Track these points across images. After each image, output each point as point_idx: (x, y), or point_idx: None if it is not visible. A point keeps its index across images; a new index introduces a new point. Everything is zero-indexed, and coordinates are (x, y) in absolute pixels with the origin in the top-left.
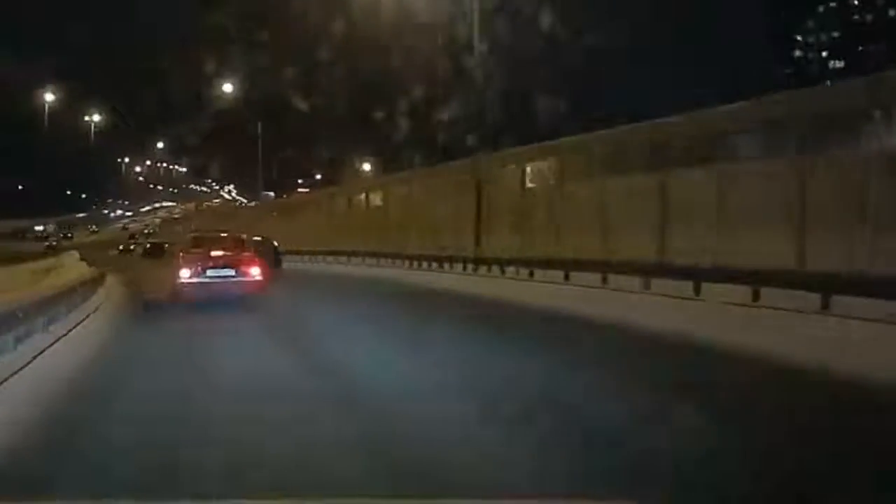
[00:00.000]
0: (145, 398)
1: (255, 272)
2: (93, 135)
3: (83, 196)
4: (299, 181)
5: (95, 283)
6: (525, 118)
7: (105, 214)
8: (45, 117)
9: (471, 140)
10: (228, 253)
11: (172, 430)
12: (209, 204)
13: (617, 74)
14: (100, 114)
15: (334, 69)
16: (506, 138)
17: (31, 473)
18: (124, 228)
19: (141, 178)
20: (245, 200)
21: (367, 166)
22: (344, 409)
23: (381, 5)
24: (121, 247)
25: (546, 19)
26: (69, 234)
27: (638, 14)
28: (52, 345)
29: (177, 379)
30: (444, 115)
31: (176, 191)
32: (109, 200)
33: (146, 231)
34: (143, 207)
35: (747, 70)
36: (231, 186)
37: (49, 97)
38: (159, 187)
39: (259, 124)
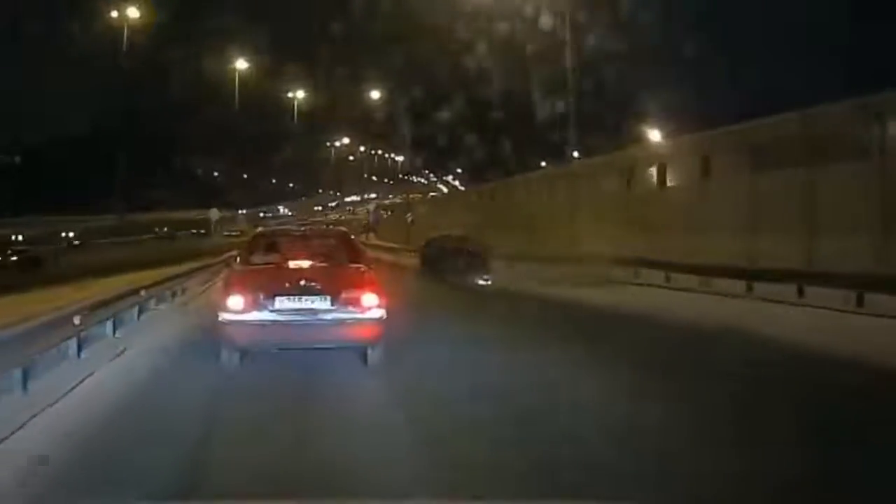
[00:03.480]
0: None
1: (371, 302)
2: (296, 114)
3: (291, 185)
4: (542, 164)
5: None
6: None
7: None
8: (236, 91)
9: None
10: (320, 264)
11: None
12: (434, 194)
13: None
14: (304, 90)
15: None
16: None
17: None
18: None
19: (352, 158)
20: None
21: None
22: None
23: None
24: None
25: None
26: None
27: None
28: None
29: None
30: None
31: (392, 182)
32: (320, 191)
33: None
34: (332, 201)
35: None
36: (458, 172)
37: (241, 65)
38: (373, 178)
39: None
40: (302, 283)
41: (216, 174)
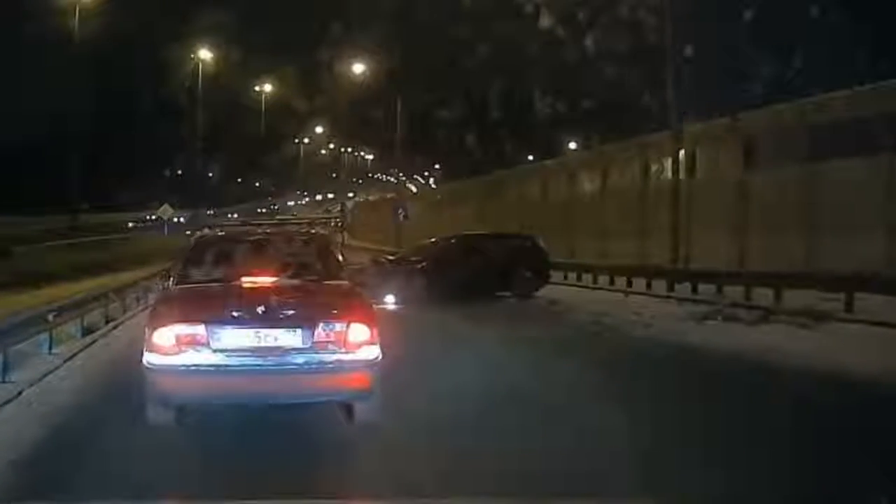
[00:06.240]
0: None
1: (361, 336)
2: (264, 109)
3: (257, 185)
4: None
5: None
6: None
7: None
8: (199, 83)
9: None
10: (287, 281)
11: None
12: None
13: None
14: (272, 83)
15: None
16: None
17: None
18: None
19: (323, 152)
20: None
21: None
22: None
23: None
24: None
25: None
26: None
27: None
28: None
29: None
30: None
31: (360, 181)
32: (297, 192)
33: None
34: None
35: None
36: (435, 168)
37: (205, 55)
38: (341, 176)
39: None
40: (261, 309)
41: (180, 172)
